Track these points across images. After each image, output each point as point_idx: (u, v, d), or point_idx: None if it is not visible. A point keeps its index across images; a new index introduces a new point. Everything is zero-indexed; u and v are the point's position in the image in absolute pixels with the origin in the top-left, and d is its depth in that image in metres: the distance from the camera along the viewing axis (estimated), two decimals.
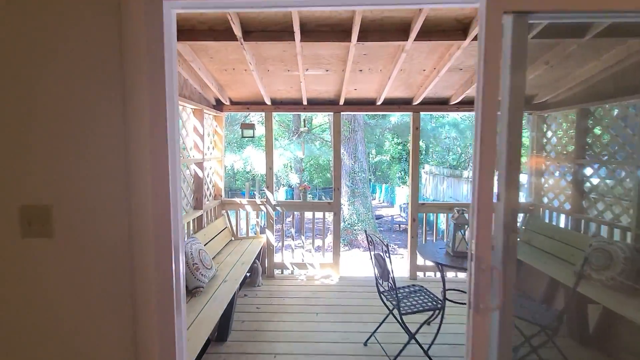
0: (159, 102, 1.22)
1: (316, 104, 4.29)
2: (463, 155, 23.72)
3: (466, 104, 4.17)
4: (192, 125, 3.64)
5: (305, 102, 4.18)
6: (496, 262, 1.31)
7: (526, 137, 4.31)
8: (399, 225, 12.51)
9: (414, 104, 4.14)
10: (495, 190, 1.30)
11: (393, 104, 4.23)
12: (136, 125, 1.21)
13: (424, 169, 15.25)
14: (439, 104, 4.23)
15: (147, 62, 1.19)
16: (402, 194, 17.30)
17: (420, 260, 4.42)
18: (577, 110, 3.53)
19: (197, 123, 3.65)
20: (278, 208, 4.43)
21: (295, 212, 7.13)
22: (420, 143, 18.93)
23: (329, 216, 4.50)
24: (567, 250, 3.13)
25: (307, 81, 3.63)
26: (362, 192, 8.49)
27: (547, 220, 4.06)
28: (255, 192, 17.58)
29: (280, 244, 4.59)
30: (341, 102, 4.11)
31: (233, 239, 4.55)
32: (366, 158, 8.69)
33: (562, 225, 3.74)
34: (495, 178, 1.30)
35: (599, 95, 3.19)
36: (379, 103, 4.12)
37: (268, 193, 4.40)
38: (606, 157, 3.24)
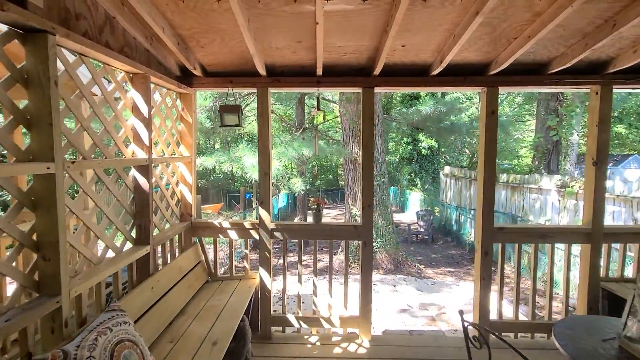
0: None
1: (336, 75, 2.78)
2: (475, 156, 22.23)
3: (571, 73, 2.65)
4: (127, 102, 2.13)
5: (320, 71, 2.67)
6: None
7: None
8: (417, 236, 11.01)
9: (491, 72, 2.63)
10: None
11: (456, 73, 2.72)
12: None
13: (442, 170, 13.70)
14: (529, 72, 2.72)
15: None
16: (415, 198, 15.79)
17: (492, 313, 2.88)
18: None
19: (139, 98, 2.14)
20: (278, 234, 2.92)
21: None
22: (432, 141, 17.46)
23: (352, 243, 3.02)
24: None
25: (325, 28, 2.13)
26: (382, 201, 6.97)
27: None
28: (252, 196, 15.88)
29: (280, 285, 3.09)
30: (377, 70, 2.60)
31: (210, 279, 3.04)
32: (384, 159, 7.20)
33: None
34: None
35: None
36: (435, 72, 2.61)
37: (263, 212, 2.89)
38: None
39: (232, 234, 2.97)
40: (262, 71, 2.65)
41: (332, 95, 10.05)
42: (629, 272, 2.98)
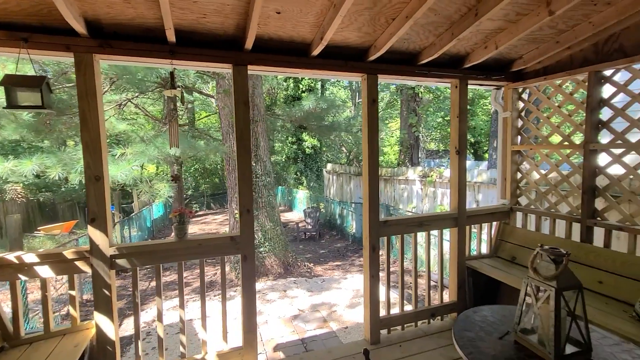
0: None
1: (198, 46, 2.16)
2: (351, 154, 24.34)
3: (437, 66, 2.76)
4: None
5: (172, 37, 1.99)
6: None
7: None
8: (305, 234, 11.07)
9: (370, 58, 2.49)
10: None
11: (338, 57, 2.48)
12: None
13: (326, 168, 14.24)
14: (404, 63, 2.71)
15: None
16: (302, 196, 16.02)
17: (382, 310, 2.80)
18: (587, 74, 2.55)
19: None
20: (122, 262, 2.10)
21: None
22: (315, 140, 18.11)
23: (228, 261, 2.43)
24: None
25: None
26: (268, 202, 6.53)
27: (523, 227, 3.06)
28: (115, 209, 13.00)
29: (131, 330, 2.26)
30: (249, 42, 2.11)
31: (6, 346, 1.97)
32: (269, 157, 6.79)
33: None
34: None
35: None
36: (316, 52, 2.30)
37: (95, 233, 2.02)
38: None
39: (45, 271, 1.98)
40: (78, 27, 1.81)
41: (210, 89, 9.04)
42: (484, 249, 3.37)
